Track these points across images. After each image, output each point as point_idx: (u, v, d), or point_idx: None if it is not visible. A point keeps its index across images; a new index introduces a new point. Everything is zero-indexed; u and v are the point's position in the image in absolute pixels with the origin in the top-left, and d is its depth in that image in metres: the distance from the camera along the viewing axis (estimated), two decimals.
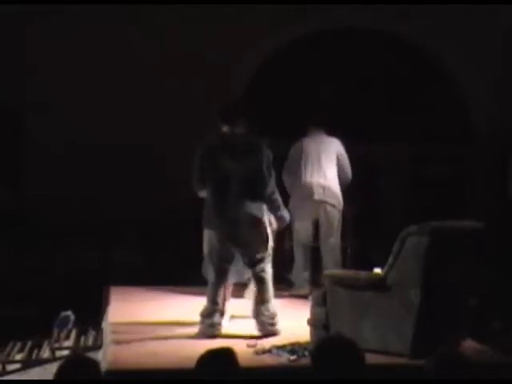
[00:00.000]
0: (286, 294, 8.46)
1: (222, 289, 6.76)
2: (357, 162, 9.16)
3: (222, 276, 6.76)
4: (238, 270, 6.97)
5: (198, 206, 8.34)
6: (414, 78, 11.31)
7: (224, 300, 6.78)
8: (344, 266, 8.54)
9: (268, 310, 6.75)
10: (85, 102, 10.46)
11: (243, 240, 6.70)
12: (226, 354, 3.91)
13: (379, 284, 6.02)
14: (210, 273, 6.83)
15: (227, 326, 6.85)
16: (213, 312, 6.68)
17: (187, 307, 7.83)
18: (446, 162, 11.74)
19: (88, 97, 10.47)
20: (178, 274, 9.23)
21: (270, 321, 6.73)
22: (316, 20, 10.86)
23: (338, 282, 6.28)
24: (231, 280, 6.97)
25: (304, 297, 7.96)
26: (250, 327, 6.86)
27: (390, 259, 5.99)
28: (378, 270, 6.54)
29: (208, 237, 6.80)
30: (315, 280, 8.36)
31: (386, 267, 6.03)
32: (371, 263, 7.04)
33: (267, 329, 6.69)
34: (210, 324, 6.66)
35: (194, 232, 8.51)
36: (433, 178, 11.74)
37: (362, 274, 6.46)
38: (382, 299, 6.00)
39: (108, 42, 10.51)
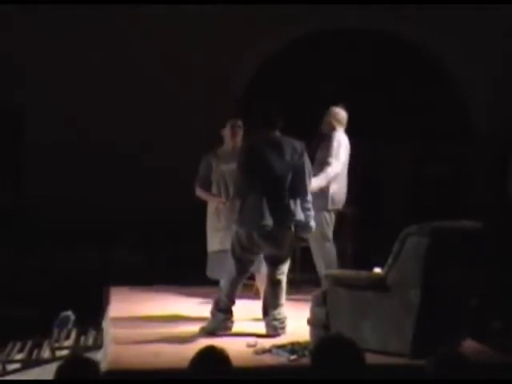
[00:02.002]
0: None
1: (239, 287, 6.84)
2: (356, 162, 9.15)
3: (243, 275, 6.83)
4: None
5: (198, 206, 8.36)
6: (414, 78, 11.31)
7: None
8: (344, 266, 8.51)
9: (280, 314, 6.79)
10: (85, 101, 10.46)
11: (281, 241, 6.72)
12: (218, 353, 3.91)
13: (379, 284, 6.02)
14: (227, 267, 6.83)
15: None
16: (228, 307, 6.76)
17: (187, 307, 7.84)
18: (445, 162, 11.75)
19: (88, 96, 10.47)
20: (177, 274, 9.23)
21: (281, 325, 6.77)
22: (316, 20, 10.86)
23: (338, 282, 6.28)
24: None
25: None
26: (250, 327, 6.86)
27: (390, 259, 5.99)
28: (378, 270, 6.53)
29: (239, 235, 6.73)
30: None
31: (385, 267, 6.03)
32: (371, 263, 7.03)
33: (278, 332, 6.73)
34: (223, 318, 6.73)
35: (194, 232, 8.53)
36: (433, 178, 11.74)
37: (362, 273, 6.46)
38: (382, 299, 6.00)
39: (108, 42, 10.52)
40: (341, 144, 8.14)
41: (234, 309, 6.91)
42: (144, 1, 10.46)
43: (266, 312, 6.84)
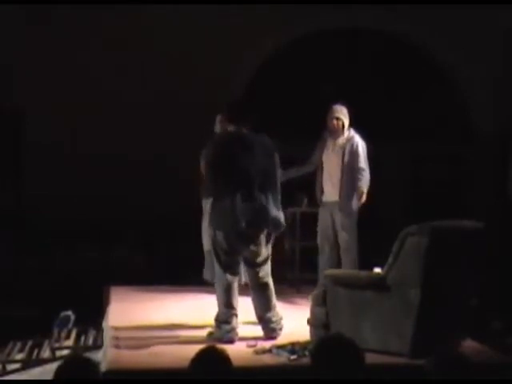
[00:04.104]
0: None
1: (236, 290, 6.62)
2: None
3: (235, 279, 6.63)
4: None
5: (198, 207, 8.36)
6: (414, 78, 11.31)
7: (237, 301, 6.65)
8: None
9: (275, 316, 6.67)
10: (84, 101, 10.46)
11: (257, 242, 6.57)
12: (218, 353, 3.91)
13: (379, 284, 6.01)
14: (216, 276, 6.70)
15: None
16: (230, 316, 6.54)
17: (187, 307, 7.84)
18: (446, 162, 11.75)
19: (87, 96, 10.47)
20: (177, 273, 9.23)
21: (279, 326, 6.66)
22: (316, 20, 10.86)
23: (338, 281, 6.28)
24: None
25: None
26: (250, 327, 6.85)
27: (390, 259, 5.99)
28: (378, 270, 6.53)
29: (218, 239, 6.58)
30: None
31: (385, 267, 6.03)
32: (371, 263, 7.03)
33: (277, 333, 6.63)
34: (228, 329, 6.51)
35: (194, 232, 8.54)
36: (433, 178, 11.74)
37: (362, 273, 6.46)
38: (382, 299, 6.00)
39: (108, 42, 10.52)
40: (363, 146, 8.31)
41: None
42: (144, 1, 10.46)
43: (260, 317, 6.69)
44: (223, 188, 6.50)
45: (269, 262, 6.75)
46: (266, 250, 6.68)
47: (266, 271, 6.69)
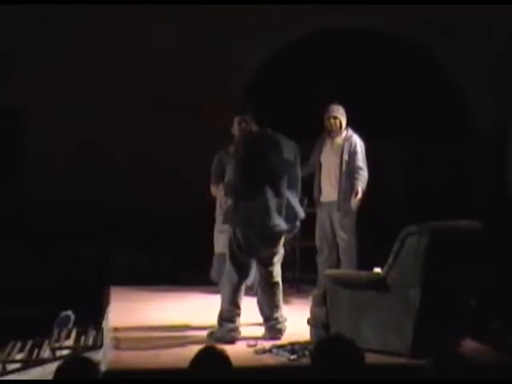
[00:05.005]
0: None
1: (243, 291, 6.61)
2: None
3: (245, 278, 6.61)
4: None
5: (198, 207, 8.36)
6: (414, 78, 11.32)
7: (242, 302, 6.63)
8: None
9: (282, 316, 6.67)
10: (84, 102, 10.47)
11: (277, 242, 6.60)
12: (218, 353, 3.91)
13: (379, 284, 6.01)
14: (226, 274, 6.69)
15: None
16: (234, 315, 6.53)
17: (187, 307, 7.83)
18: (445, 161, 11.76)
19: (88, 97, 10.48)
20: (177, 273, 9.23)
21: (284, 327, 6.65)
22: (316, 20, 10.86)
23: (338, 281, 6.28)
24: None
25: None
26: (250, 327, 6.85)
27: (390, 259, 5.99)
28: (378, 270, 6.53)
29: (237, 237, 6.53)
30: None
31: (385, 267, 6.03)
32: (371, 263, 7.03)
33: (282, 334, 6.60)
34: (231, 328, 6.49)
35: (194, 232, 8.55)
36: (433, 178, 11.75)
37: (362, 273, 6.46)
38: (381, 299, 6.00)
39: (108, 43, 10.53)
40: (362, 146, 8.28)
41: None
42: (144, 1, 10.47)
43: (268, 317, 6.66)
44: (253, 187, 6.47)
45: (280, 261, 6.77)
46: (281, 249, 6.74)
47: (277, 271, 6.72)
